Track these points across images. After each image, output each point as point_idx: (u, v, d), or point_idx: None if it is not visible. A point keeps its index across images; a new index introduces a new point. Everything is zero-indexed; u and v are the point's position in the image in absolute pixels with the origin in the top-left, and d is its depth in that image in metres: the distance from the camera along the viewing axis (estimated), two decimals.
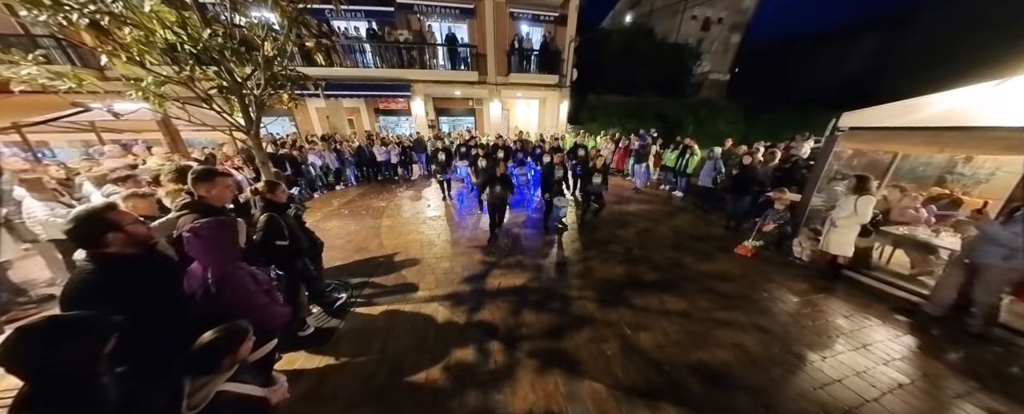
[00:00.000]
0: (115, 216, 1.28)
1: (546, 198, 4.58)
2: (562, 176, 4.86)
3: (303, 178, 7.02)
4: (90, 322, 1.02)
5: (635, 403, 1.99)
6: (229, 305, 1.41)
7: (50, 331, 0.93)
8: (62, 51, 7.23)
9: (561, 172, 4.79)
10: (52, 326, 0.95)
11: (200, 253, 1.43)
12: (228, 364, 1.16)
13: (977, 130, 2.82)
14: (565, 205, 4.65)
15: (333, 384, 2.14)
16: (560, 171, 4.79)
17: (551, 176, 4.67)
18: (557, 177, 4.71)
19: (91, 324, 1.01)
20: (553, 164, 4.79)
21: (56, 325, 0.96)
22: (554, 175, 4.68)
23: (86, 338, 0.97)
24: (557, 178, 4.71)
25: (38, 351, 0.89)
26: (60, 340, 0.93)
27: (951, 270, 2.83)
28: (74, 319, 1.03)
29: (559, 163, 4.82)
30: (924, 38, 16.76)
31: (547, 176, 4.69)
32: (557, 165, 4.80)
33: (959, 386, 2.16)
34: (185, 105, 2.66)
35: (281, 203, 2.43)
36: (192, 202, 1.93)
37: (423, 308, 2.96)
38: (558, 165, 4.81)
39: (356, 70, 9.18)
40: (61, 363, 0.92)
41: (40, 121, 4.61)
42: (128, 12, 2.12)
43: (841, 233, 3.27)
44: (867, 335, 2.66)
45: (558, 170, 4.76)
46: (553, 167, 4.74)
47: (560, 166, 4.83)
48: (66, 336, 0.94)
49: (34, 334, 0.91)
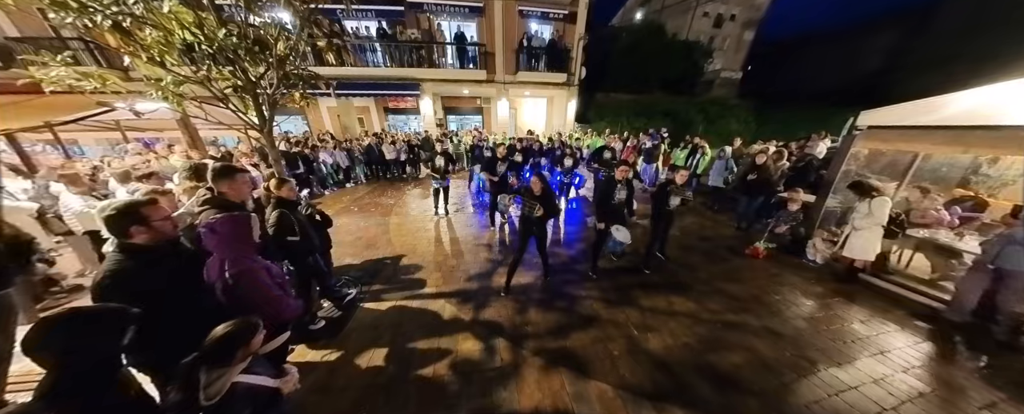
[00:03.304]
0: (147, 211, 1.35)
1: (600, 226, 3.33)
2: (627, 198, 3.44)
3: (315, 176, 7.16)
4: (108, 313, 1.07)
5: (642, 404, 1.97)
6: (245, 297, 1.45)
7: (71, 322, 0.98)
8: (90, 53, 7.51)
9: (624, 193, 3.36)
10: (72, 317, 1.00)
11: (217, 247, 1.47)
12: (241, 357, 1.19)
13: (1005, 129, 2.71)
14: (626, 239, 3.43)
15: (343, 376, 2.18)
16: (623, 192, 3.35)
17: (610, 197, 3.31)
18: (619, 199, 3.36)
19: (109, 315, 1.06)
20: (614, 182, 3.33)
21: (76, 316, 1.01)
22: (615, 196, 3.32)
23: (104, 329, 1.02)
24: (619, 200, 3.36)
25: (60, 340, 0.95)
26: (80, 330, 0.98)
27: (974, 275, 2.72)
28: (93, 311, 1.08)
29: (623, 180, 3.32)
30: (946, 33, 16.10)
31: (605, 197, 3.35)
32: (620, 183, 3.32)
33: (984, 397, 2.07)
34: (202, 104, 2.74)
35: (292, 200, 2.48)
36: (212, 198, 1.99)
37: (430, 304, 2.99)
38: (621, 183, 3.32)
39: (366, 69, 9.29)
40: (81, 352, 0.97)
41: (69, 120, 4.81)
42: (148, 13, 2.20)
43: (862, 237, 3.17)
44: (885, 341, 2.58)
45: (622, 190, 3.34)
46: (614, 185, 3.32)
47: (623, 184, 3.33)
48: (86, 326, 0.99)
49: (57, 324, 0.96)
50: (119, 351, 1.08)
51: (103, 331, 1.03)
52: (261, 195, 2.73)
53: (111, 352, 1.05)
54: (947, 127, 3.07)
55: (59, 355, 0.95)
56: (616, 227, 3.41)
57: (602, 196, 3.42)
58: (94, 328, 1.01)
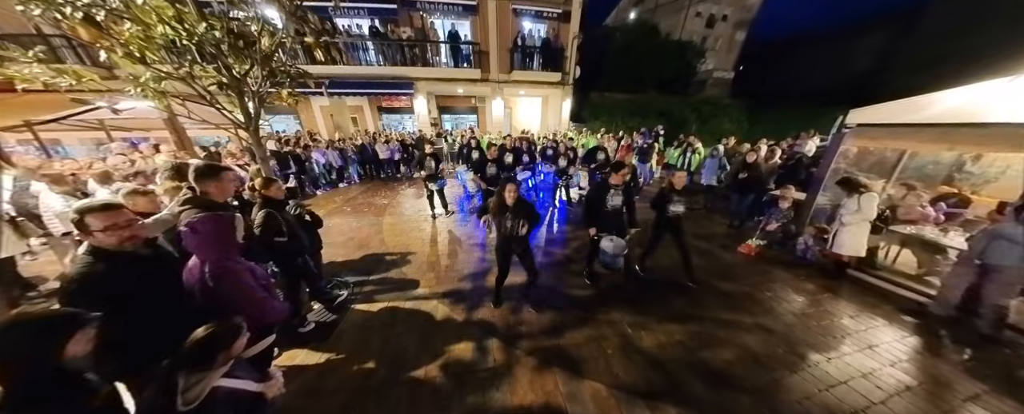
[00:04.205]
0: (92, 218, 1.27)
1: (591, 233, 2.95)
2: (624, 205, 3.01)
3: (307, 175, 7.05)
4: (59, 319, 0.99)
5: (635, 403, 1.97)
6: (226, 299, 1.40)
7: (12, 329, 0.91)
8: (72, 50, 7.29)
9: (619, 199, 2.93)
10: (14, 325, 0.92)
11: (197, 247, 1.42)
12: (222, 361, 1.15)
13: (990, 126, 2.76)
14: (622, 251, 2.92)
15: (333, 379, 2.14)
16: (618, 198, 2.92)
17: (602, 202, 2.92)
18: (613, 206, 2.92)
19: (59, 321, 0.97)
20: (607, 186, 2.93)
21: (18, 323, 0.93)
22: (608, 202, 2.91)
23: (53, 335, 0.94)
24: (613, 207, 2.93)
25: (4, 349, 0.88)
26: (24, 337, 0.90)
27: (958, 270, 2.77)
28: (39, 316, 1.00)
29: (620, 183, 2.91)
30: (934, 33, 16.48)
31: (595, 202, 2.97)
32: (616, 187, 2.91)
33: (968, 389, 2.11)
34: (185, 102, 2.67)
35: (279, 199, 2.43)
36: (193, 197, 1.92)
37: (423, 305, 2.95)
38: (617, 187, 2.91)
39: (359, 68, 9.18)
40: (30, 361, 0.90)
41: (50, 119, 4.66)
42: (124, 7, 2.12)
43: (851, 232, 3.21)
44: (873, 336, 2.61)
45: (616, 196, 2.91)
46: (607, 190, 2.92)
47: (619, 189, 2.92)
48: (31, 333, 0.92)
49: (10, 327, 0.90)
50: (81, 358, 1.01)
51: (52, 338, 0.93)
52: (247, 194, 2.67)
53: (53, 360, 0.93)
54: (933, 124, 3.12)
55: (4, 364, 0.88)
56: (609, 237, 2.92)
57: (591, 201, 3.03)
58: (42, 335, 0.92)
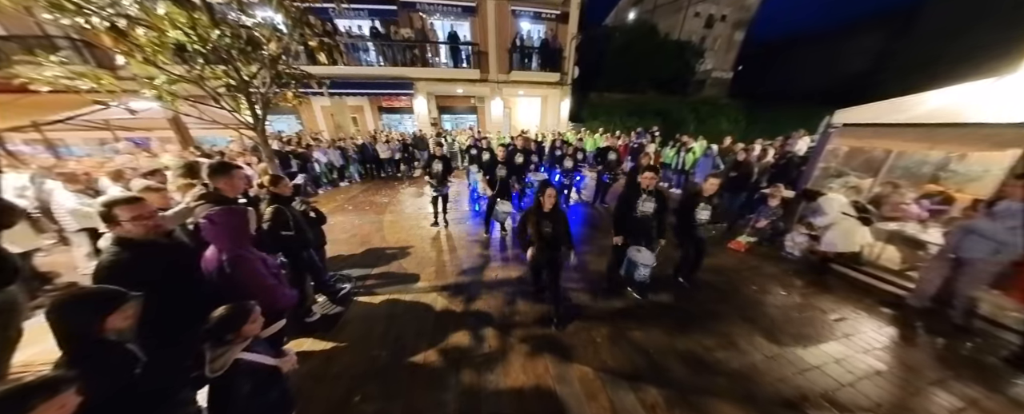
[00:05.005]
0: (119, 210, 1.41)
1: (617, 241, 2.81)
2: (657, 212, 2.78)
3: (309, 174, 7.19)
4: (108, 293, 1.15)
5: (619, 385, 2.10)
6: (241, 284, 1.54)
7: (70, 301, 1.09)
8: (77, 52, 7.43)
9: (651, 205, 2.73)
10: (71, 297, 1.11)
11: (214, 237, 1.56)
12: (241, 336, 1.28)
13: (970, 126, 2.86)
14: (652, 263, 2.72)
15: (338, 364, 2.28)
16: (649, 203, 2.72)
17: (631, 208, 2.73)
18: (643, 212, 2.73)
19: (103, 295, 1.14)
20: (639, 190, 2.73)
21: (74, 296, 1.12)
22: (638, 208, 2.72)
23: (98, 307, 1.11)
24: (643, 214, 2.73)
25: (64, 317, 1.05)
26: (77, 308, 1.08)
27: (935, 264, 2.89)
28: (94, 291, 1.18)
29: (650, 186, 2.70)
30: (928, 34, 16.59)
31: (625, 207, 2.78)
32: (647, 192, 2.71)
33: (935, 374, 2.24)
34: (195, 103, 2.80)
35: (286, 196, 2.56)
36: (207, 193, 2.06)
37: (423, 298, 3.09)
38: (648, 193, 2.71)
39: (359, 68, 9.31)
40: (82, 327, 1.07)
41: (58, 120, 4.79)
42: (143, 14, 2.26)
43: (840, 231, 3.36)
44: (850, 326, 2.75)
45: (647, 202, 2.72)
46: (638, 194, 2.72)
47: (649, 194, 2.72)
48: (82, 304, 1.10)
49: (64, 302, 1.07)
50: (121, 329, 1.16)
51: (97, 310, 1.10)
52: (255, 191, 2.80)
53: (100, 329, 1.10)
54: (915, 124, 3.23)
55: (64, 331, 1.05)
56: (637, 248, 2.72)
57: (622, 206, 2.83)
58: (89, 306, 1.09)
